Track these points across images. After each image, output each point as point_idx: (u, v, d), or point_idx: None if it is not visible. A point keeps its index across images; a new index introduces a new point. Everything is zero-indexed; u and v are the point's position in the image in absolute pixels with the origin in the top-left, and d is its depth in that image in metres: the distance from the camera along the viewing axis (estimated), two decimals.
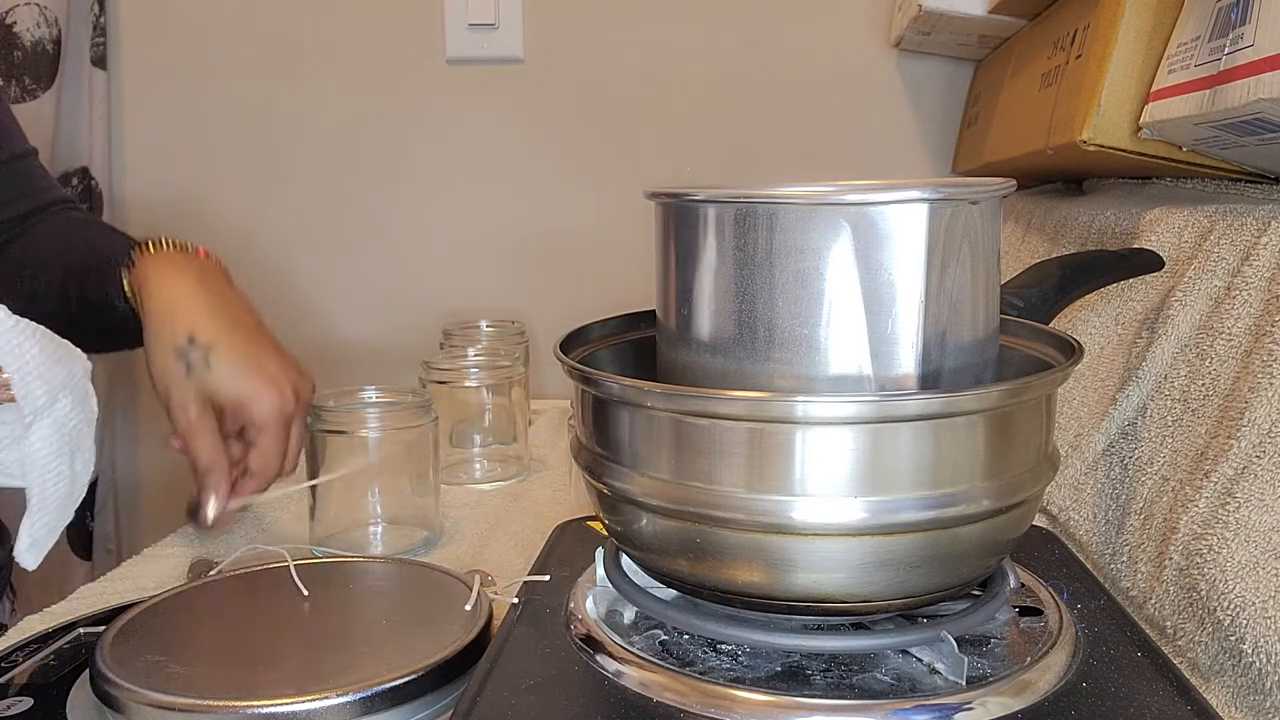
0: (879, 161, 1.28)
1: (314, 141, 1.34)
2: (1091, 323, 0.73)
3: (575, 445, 0.50)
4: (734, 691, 0.41)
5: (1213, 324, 0.59)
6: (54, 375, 0.51)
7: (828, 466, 0.40)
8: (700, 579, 0.45)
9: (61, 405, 0.51)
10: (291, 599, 0.58)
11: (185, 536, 0.79)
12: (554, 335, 0.51)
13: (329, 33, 1.32)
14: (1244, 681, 0.46)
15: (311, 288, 1.36)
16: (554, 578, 0.54)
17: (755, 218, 0.43)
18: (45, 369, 0.51)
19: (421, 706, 0.49)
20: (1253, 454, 0.51)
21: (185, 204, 1.35)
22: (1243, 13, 0.55)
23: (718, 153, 1.30)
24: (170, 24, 1.33)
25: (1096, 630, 0.47)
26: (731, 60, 1.28)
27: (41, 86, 1.28)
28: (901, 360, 0.43)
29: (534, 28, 1.29)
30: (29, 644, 0.56)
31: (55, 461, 0.51)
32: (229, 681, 0.48)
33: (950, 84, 1.27)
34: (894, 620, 0.46)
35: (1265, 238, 0.57)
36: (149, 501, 1.42)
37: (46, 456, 0.51)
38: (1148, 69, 0.70)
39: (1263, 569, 0.47)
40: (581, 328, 0.54)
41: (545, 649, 0.46)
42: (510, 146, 1.32)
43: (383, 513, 0.76)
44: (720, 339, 0.45)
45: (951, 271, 0.43)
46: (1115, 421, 0.66)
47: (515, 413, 0.94)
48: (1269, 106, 0.52)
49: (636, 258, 1.22)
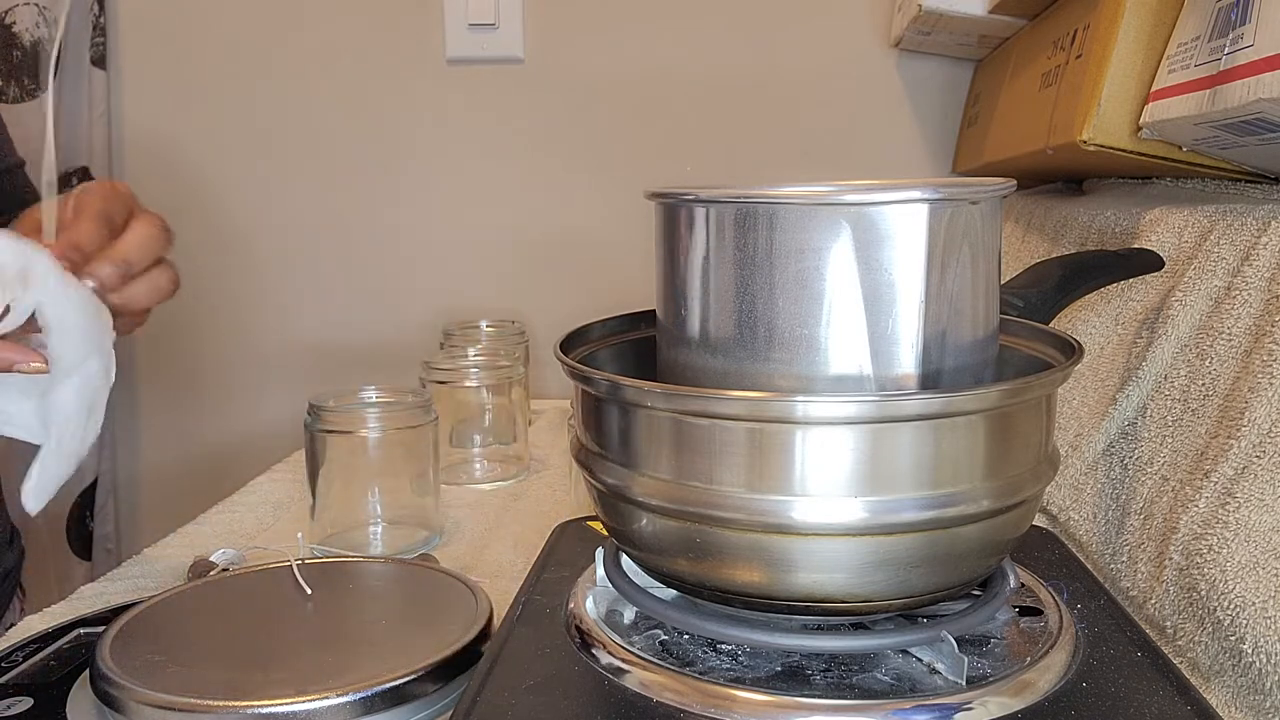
0: (879, 161, 1.28)
1: (314, 141, 1.34)
2: (1091, 323, 0.73)
3: (575, 445, 0.50)
4: (734, 691, 0.41)
5: (1213, 324, 0.59)
6: (89, 339, 0.53)
7: (828, 466, 0.40)
8: (700, 579, 0.45)
9: (90, 365, 0.53)
10: (291, 599, 0.58)
11: (185, 536, 0.79)
12: (554, 335, 0.51)
13: (329, 33, 1.32)
14: (1244, 681, 0.46)
15: (312, 287, 1.36)
16: (554, 578, 0.54)
17: (755, 218, 0.43)
18: (82, 332, 0.52)
19: (421, 706, 0.49)
20: (1253, 454, 0.51)
21: (185, 204, 1.35)
22: (1243, 13, 0.55)
23: (718, 153, 1.30)
24: (170, 24, 1.33)
25: (1096, 630, 0.47)
26: (731, 60, 1.28)
27: (41, 86, 1.28)
28: (902, 360, 0.43)
29: (534, 28, 1.29)
30: (29, 644, 0.56)
31: (75, 417, 0.53)
32: (229, 681, 0.48)
33: (950, 84, 1.27)
34: (894, 620, 0.46)
35: (1265, 238, 0.57)
36: (149, 501, 1.42)
37: (69, 412, 0.53)
38: (1148, 69, 0.70)
39: (1263, 569, 0.47)
40: (581, 328, 0.54)
41: (545, 649, 0.46)
42: (510, 146, 1.32)
43: (383, 513, 0.76)
44: (720, 339, 0.45)
45: (952, 271, 0.43)
46: (1115, 421, 0.66)
47: (515, 413, 0.95)
48: (1269, 106, 0.52)
49: (636, 258, 1.22)
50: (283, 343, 1.37)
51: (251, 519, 0.83)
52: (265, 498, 0.88)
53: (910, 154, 1.29)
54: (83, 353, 0.52)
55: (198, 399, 1.39)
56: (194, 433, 1.39)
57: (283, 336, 1.38)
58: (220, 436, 1.39)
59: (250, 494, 0.89)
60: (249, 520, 0.82)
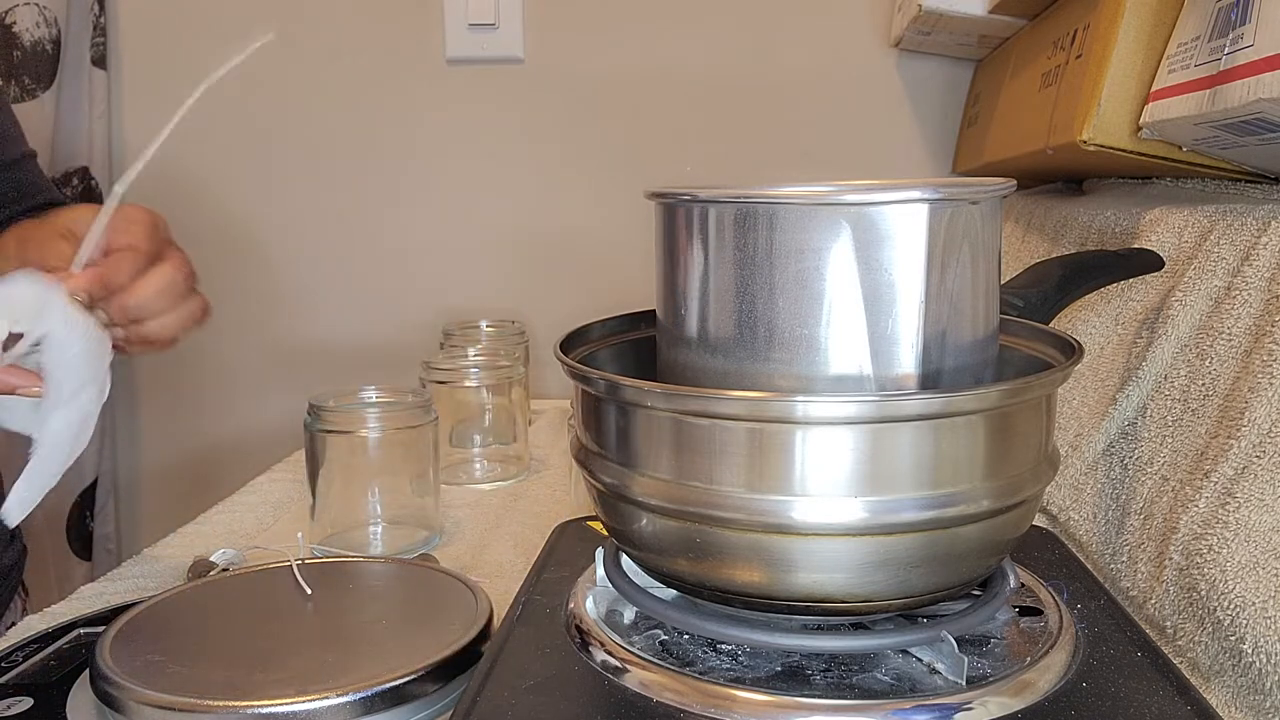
0: (879, 161, 1.28)
1: (314, 141, 1.34)
2: (1091, 323, 0.73)
3: (575, 445, 0.50)
4: (734, 691, 0.41)
5: (1213, 324, 0.59)
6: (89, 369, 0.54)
7: (828, 466, 0.40)
8: (700, 579, 0.45)
9: (85, 394, 0.54)
10: (291, 599, 0.58)
11: (185, 536, 0.79)
12: (554, 335, 0.51)
13: (329, 33, 1.32)
14: (1244, 681, 0.46)
15: (312, 287, 1.36)
16: (554, 578, 0.54)
17: (755, 218, 0.43)
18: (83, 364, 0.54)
19: (421, 706, 0.49)
20: (1253, 454, 0.51)
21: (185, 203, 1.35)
22: (1243, 13, 0.55)
23: (718, 153, 1.30)
24: (170, 24, 1.33)
25: (1096, 630, 0.47)
26: (731, 60, 1.28)
27: (41, 86, 1.28)
28: (902, 360, 0.43)
29: (534, 28, 1.29)
30: (29, 644, 0.56)
31: (66, 439, 0.54)
32: (229, 681, 0.48)
33: (950, 84, 1.27)
34: (894, 620, 0.46)
35: (1265, 238, 0.57)
36: (149, 501, 1.42)
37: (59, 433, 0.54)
38: (1148, 69, 0.70)
39: (1263, 569, 0.47)
40: (581, 328, 0.54)
41: (545, 649, 0.46)
42: (510, 146, 1.32)
43: (383, 513, 0.76)
44: (720, 339, 0.45)
45: (952, 271, 0.43)
46: (1115, 421, 0.66)
47: (515, 413, 0.95)
48: (1269, 106, 0.52)
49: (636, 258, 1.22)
50: (283, 343, 1.37)
51: (251, 519, 0.83)
52: (265, 498, 0.88)
53: (910, 154, 1.29)
54: (81, 382, 0.54)
55: (198, 399, 1.39)
56: (194, 433, 1.39)
57: (282, 336, 1.38)
58: (220, 436, 1.39)
59: (250, 494, 0.89)
60: (249, 520, 0.82)
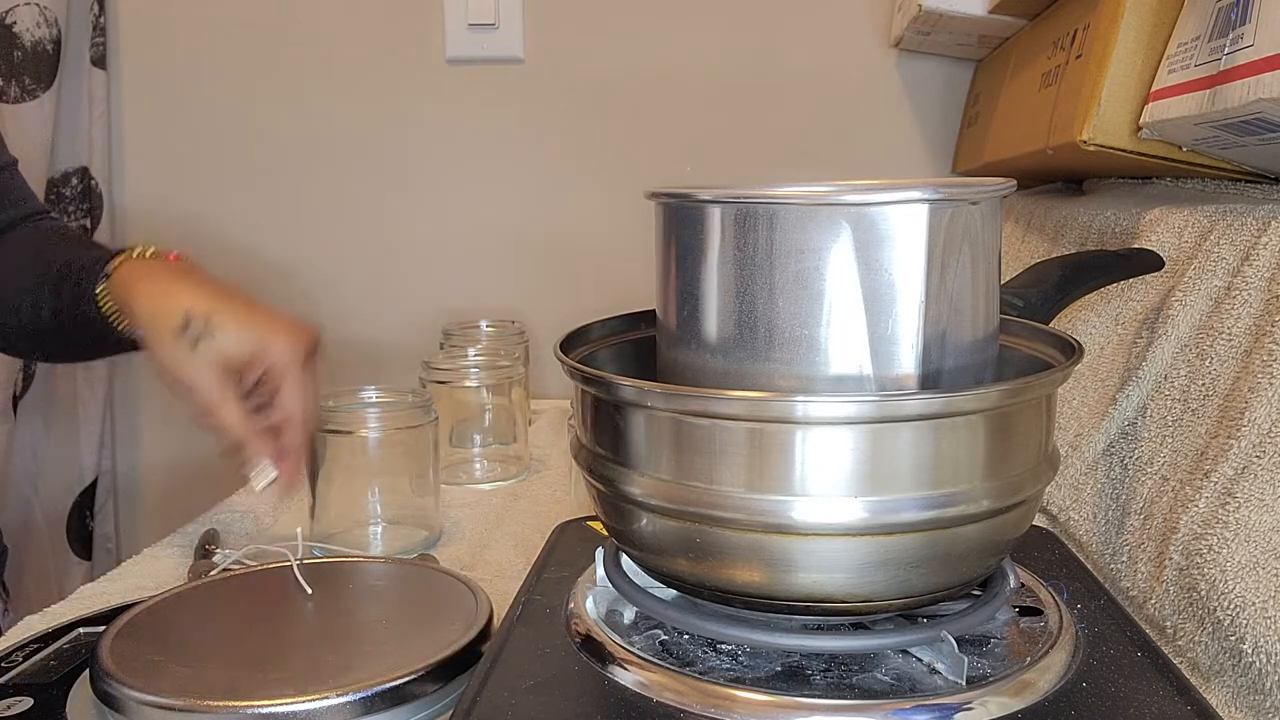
0: (879, 161, 1.28)
1: (314, 141, 1.34)
2: (1091, 323, 0.73)
3: (575, 445, 0.50)
4: (734, 691, 0.41)
5: (1213, 324, 0.59)
6: None
7: (828, 466, 0.40)
8: (700, 579, 0.45)
9: None
10: (291, 599, 0.58)
11: (185, 536, 0.79)
12: (554, 335, 0.51)
13: (329, 32, 1.32)
14: (1244, 681, 0.46)
15: (312, 287, 1.36)
16: (554, 578, 0.54)
17: (755, 218, 0.43)
18: None
19: (421, 706, 0.49)
20: (1253, 454, 0.51)
21: (185, 203, 1.35)
22: (1243, 13, 0.55)
23: (718, 153, 1.30)
24: (170, 24, 1.33)
25: (1096, 630, 0.47)
26: (731, 60, 1.28)
27: (41, 86, 1.28)
28: (902, 360, 0.43)
29: (534, 28, 1.29)
30: (29, 644, 0.56)
31: None
32: (229, 681, 0.48)
33: (950, 84, 1.27)
34: (894, 620, 0.46)
35: (1265, 238, 0.57)
36: (149, 501, 1.42)
37: None
38: (1148, 69, 0.70)
39: (1263, 569, 0.47)
40: (581, 328, 0.54)
41: (545, 649, 0.46)
42: (510, 146, 1.32)
43: (383, 513, 0.76)
44: (720, 339, 0.45)
45: (951, 271, 0.43)
46: (1115, 421, 0.66)
47: (515, 413, 0.95)
48: (1269, 106, 0.52)
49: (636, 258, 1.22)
50: None
51: (251, 519, 0.83)
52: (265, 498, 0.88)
53: (910, 154, 1.28)
54: None
55: None
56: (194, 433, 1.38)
57: None
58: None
59: (250, 494, 0.89)
60: (249, 520, 0.82)
